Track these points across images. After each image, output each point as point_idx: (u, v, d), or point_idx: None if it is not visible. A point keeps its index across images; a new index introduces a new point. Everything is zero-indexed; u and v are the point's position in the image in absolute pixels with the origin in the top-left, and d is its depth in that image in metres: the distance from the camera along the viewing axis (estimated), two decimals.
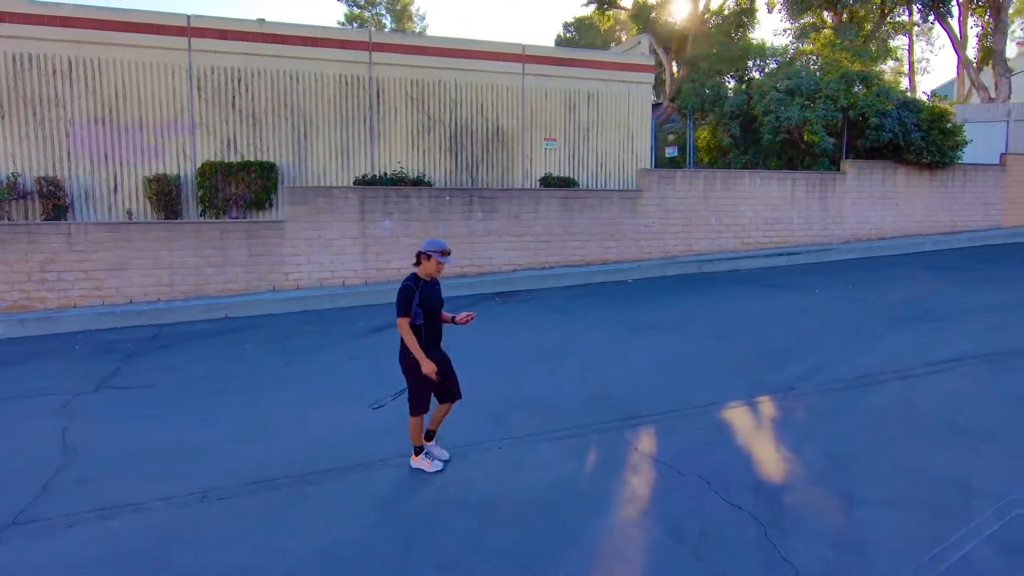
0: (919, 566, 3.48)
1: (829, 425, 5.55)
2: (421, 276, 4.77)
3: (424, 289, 4.71)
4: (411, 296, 4.63)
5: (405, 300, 4.61)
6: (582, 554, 3.72)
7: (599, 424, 5.69)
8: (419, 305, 4.65)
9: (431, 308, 4.72)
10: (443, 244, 4.78)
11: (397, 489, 4.64)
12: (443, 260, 4.75)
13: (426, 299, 4.70)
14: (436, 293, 4.83)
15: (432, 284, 4.82)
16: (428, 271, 4.76)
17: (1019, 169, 18.15)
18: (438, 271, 4.80)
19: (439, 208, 12.92)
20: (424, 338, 4.70)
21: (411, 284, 4.68)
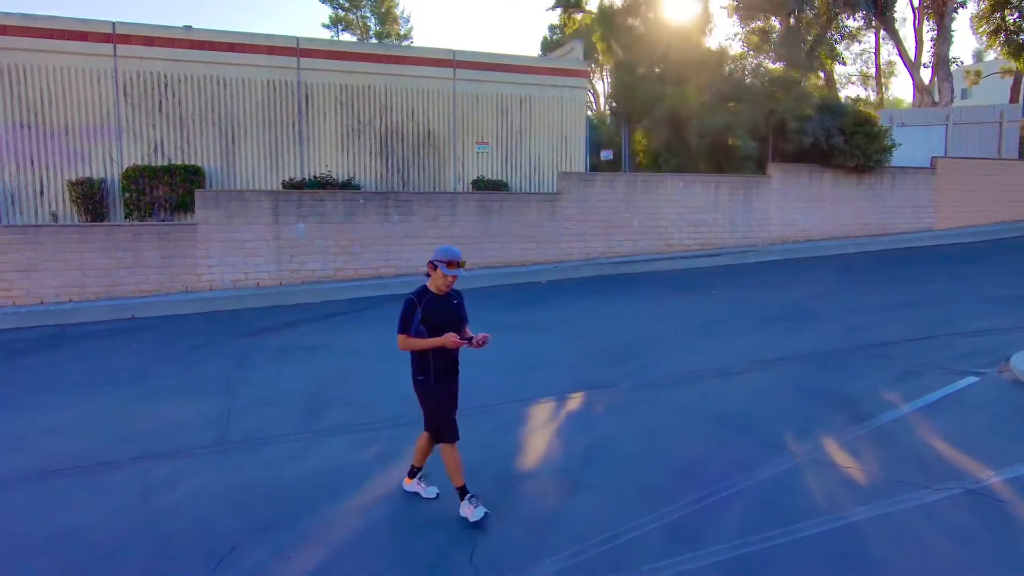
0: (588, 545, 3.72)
1: (618, 418, 5.80)
2: (431, 289, 4.10)
3: (431, 305, 4.04)
4: (411, 311, 4.02)
5: (403, 315, 4.02)
6: (289, 536, 3.97)
7: (405, 418, 5.94)
8: (422, 322, 4.00)
9: (439, 326, 4.00)
10: (452, 252, 4.03)
11: (175, 475, 4.89)
12: (449, 272, 3.98)
13: (433, 315, 4.02)
14: (449, 309, 4.11)
15: (444, 299, 4.12)
16: (437, 284, 4.08)
17: (950, 172, 18.41)
18: (448, 285, 4.09)
19: (354, 211, 13.19)
20: (432, 362, 4.06)
21: (414, 298, 4.05)
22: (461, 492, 4.09)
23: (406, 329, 4.04)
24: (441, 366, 4.12)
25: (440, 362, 4.10)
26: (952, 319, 9.03)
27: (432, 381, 4.11)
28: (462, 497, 4.08)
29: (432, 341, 3.97)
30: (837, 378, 6.69)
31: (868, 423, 5.45)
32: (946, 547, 3.66)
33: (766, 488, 4.40)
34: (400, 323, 4.05)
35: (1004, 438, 5.07)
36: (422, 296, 4.08)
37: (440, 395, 4.14)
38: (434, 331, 4.00)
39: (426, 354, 4.06)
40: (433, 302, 4.08)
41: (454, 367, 4.23)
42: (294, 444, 5.46)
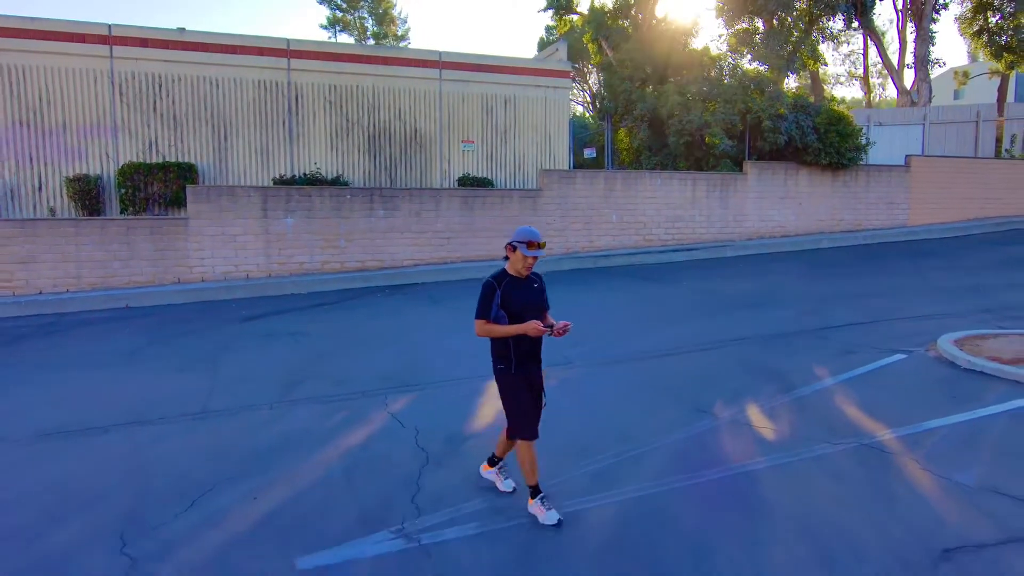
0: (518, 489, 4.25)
1: (566, 391, 6.32)
2: (510, 272, 3.92)
3: (511, 288, 3.87)
4: (490, 294, 3.84)
5: (482, 298, 3.85)
6: (257, 483, 4.49)
7: (374, 390, 6.47)
8: (502, 306, 3.84)
9: (518, 311, 3.85)
10: (532, 233, 3.83)
11: (158, 437, 5.40)
12: (529, 253, 3.79)
13: (513, 299, 3.85)
14: (530, 293, 3.94)
15: (525, 282, 3.94)
16: (516, 267, 3.89)
17: (923, 170, 18.93)
18: (527, 268, 3.89)
19: (341, 206, 13.70)
20: (512, 349, 3.90)
21: (492, 282, 3.87)
22: (533, 491, 3.96)
23: (484, 314, 3.85)
24: (523, 353, 3.91)
25: (521, 349, 3.90)
26: (901, 307, 9.55)
27: (512, 370, 3.92)
28: (533, 496, 3.95)
29: (514, 328, 3.78)
30: (777, 356, 7.21)
31: (793, 393, 5.97)
32: (827, 487, 4.18)
33: (684, 444, 4.93)
34: (479, 307, 3.85)
35: (910, 404, 5.58)
36: (501, 279, 3.87)
37: (520, 385, 3.93)
38: (514, 316, 3.83)
39: (506, 341, 3.88)
40: (513, 285, 3.88)
41: (537, 356, 4.01)
42: (269, 412, 5.98)
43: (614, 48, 27.87)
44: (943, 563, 3.31)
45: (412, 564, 3.48)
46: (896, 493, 4.09)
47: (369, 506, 4.11)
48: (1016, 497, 3.94)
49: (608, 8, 32.20)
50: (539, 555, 3.54)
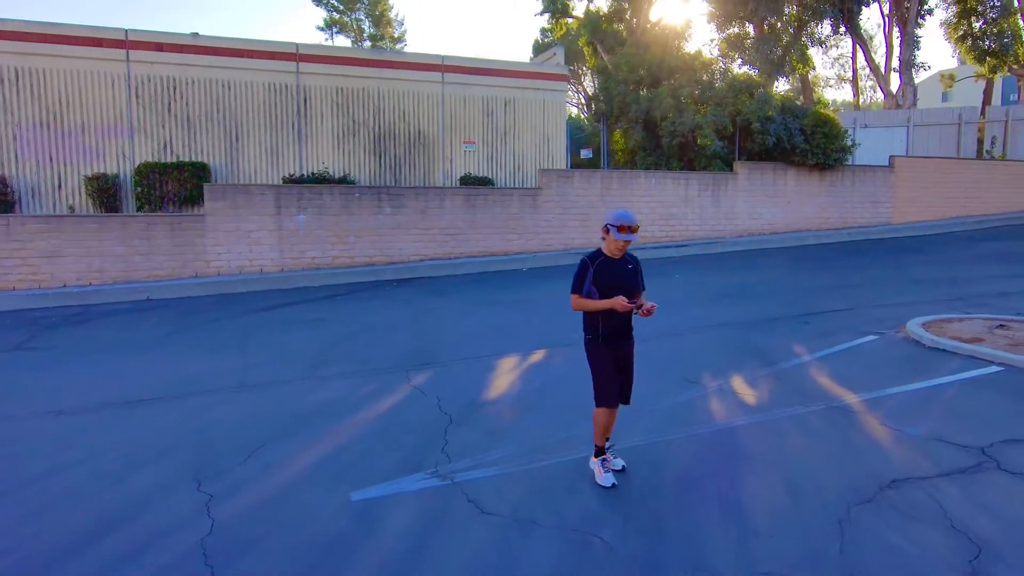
0: (530, 443, 4.91)
1: (569, 366, 6.97)
2: (605, 252, 4.16)
3: (603, 266, 4.10)
4: (583, 272, 4.12)
5: (576, 276, 4.15)
6: (304, 439, 5.14)
7: (395, 367, 7.12)
8: (593, 282, 4.08)
9: (608, 289, 4.06)
10: (625, 217, 4.03)
11: (207, 406, 6.03)
12: (620, 237, 4.01)
13: (603, 278, 4.08)
14: (623, 273, 4.15)
15: (618, 262, 4.16)
16: (610, 248, 4.13)
17: (907, 171, 19.71)
18: (619, 249, 4.10)
19: (350, 204, 14.35)
20: (600, 323, 4.13)
21: (586, 260, 4.15)
22: (597, 451, 4.30)
23: (578, 289, 4.14)
24: (610, 328, 4.15)
25: (609, 324, 4.14)
26: (879, 296, 10.27)
27: (599, 342, 4.17)
28: (596, 455, 4.31)
29: (601, 303, 4.02)
30: (761, 337, 7.90)
31: (773, 367, 6.67)
32: (798, 439, 4.87)
33: (676, 407, 5.61)
34: (573, 283, 4.16)
35: (876, 375, 6.28)
36: (595, 258, 4.15)
37: (605, 355, 4.17)
38: (603, 293, 4.05)
39: (596, 315, 4.12)
40: (606, 265, 4.11)
41: (625, 331, 4.25)
42: (302, 385, 6.63)
43: (609, 52, 28.61)
44: (889, 490, 4.00)
45: (448, 495, 4.14)
46: (856, 442, 4.78)
47: (405, 455, 4.77)
48: (956, 444, 4.64)
49: (603, 12, 32.98)
50: (554, 488, 4.21)
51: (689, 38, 28.94)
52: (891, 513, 3.73)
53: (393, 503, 4.07)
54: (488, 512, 3.92)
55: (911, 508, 3.78)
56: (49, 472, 4.65)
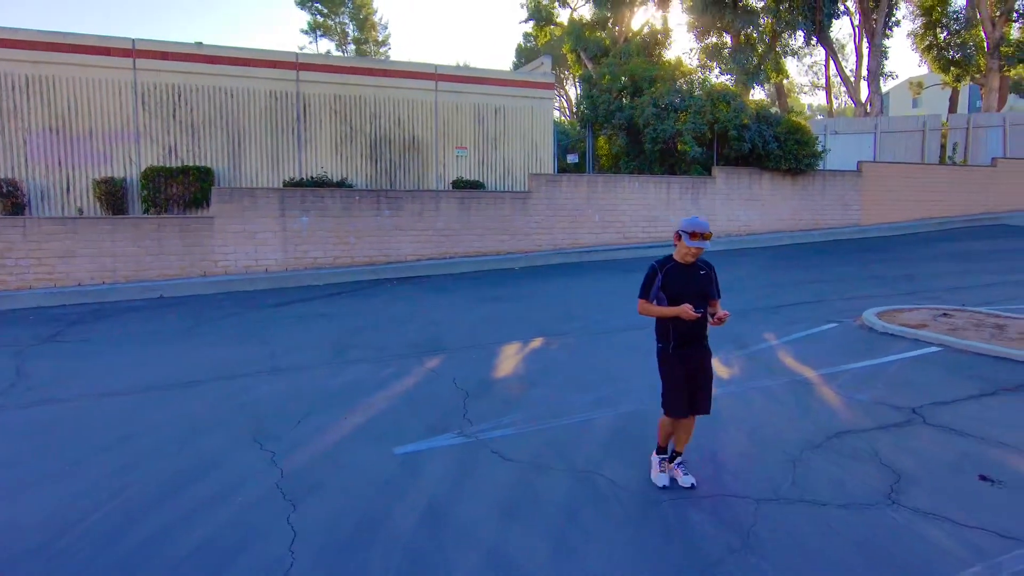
0: (539, 409, 5.76)
1: (565, 352, 7.86)
2: (676, 258, 4.13)
3: (673, 272, 4.06)
4: (651, 277, 4.11)
5: (645, 280, 4.15)
6: (340, 411, 5.94)
7: (409, 354, 7.94)
8: (662, 288, 4.05)
9: (676, 295, 4.01)
10: (698, 224, 3.96)
11: (246, 387, 6.80)
12: (692, 244, 3.93)
13: (673, 283, 4.03)
14: (694, 279, 4.07)
15: (689, 268, 4.08)
16: (681, 254, 4.09)
17: (874, 175, 20.92)
18: (692, 256, 4.03)
19: (350, 206, 15.11)
20: (672, 330, 4.09)
21: (655, 266, 4.14)
22: (659, 449, 4.40)
23: (645, 294, 4.13)
24: (682, 335, 4.08)
25: (681, 331, 4.06)
26: (843, 291, 11.28)
27: (670, 350, 4.12)
28: (657, 452, 4.41)
29: (667, 310, 3.98)
30: (736, 325, 8.82)
31: (745, 349, 7.60)
32: (763, 404, 5.78)
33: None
34: (641, 287, 4.15)
35: (833, 355, 7.23)
36: (665, 264, 4.12)
37: (674, 364, 4.11)
38: (673, 299, 4.00)
39: (666, 322, 4.08)
40: (676, 270, 4.07)
41: (699, 339, 4.15)
42: (328, 368, 7.42)
43: (592, 59, 29.63)
44: (835, 439, 4.91)
45: (475, 448, 4.98)
46: (812, 406, 5.70)
47: (433, 421, 5.60)
48: (893, 406, 5.58)
49: (586, 20, 34.07)
50: (563, 442, 5.07)
51: (669, 47, 30.07)
52: (835, 455, 4.65)
53: (430, 455, 4.90)
54: (509, 459, 4.77)
55: (851, 451, 4.70)
56: (117, 442, 5.38)
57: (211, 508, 4.17)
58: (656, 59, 26.28)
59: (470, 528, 3.83)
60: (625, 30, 31.47)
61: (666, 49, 29.75)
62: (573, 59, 32.68)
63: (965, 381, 6.20)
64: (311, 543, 3.70)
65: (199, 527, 3.93)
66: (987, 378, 6.27)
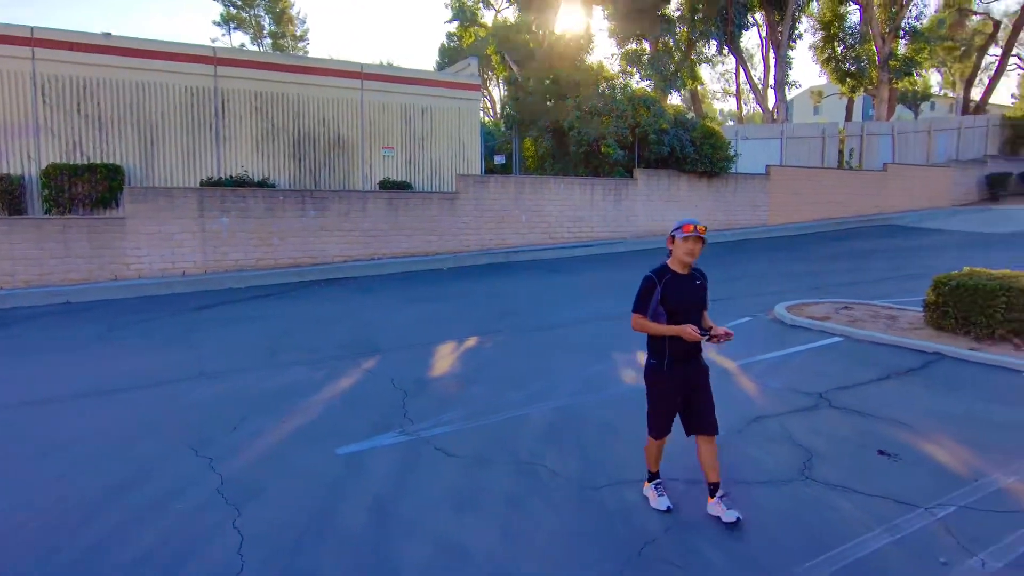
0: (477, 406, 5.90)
1: (499, 350, 8.04)
2: (672, 267, 3.79)
3: (673, 284, 3.73)
4: (649, 289, 3.75)
5: (641, 293, 3.77)
6: (280, 413, 5.88)
7: (344, 355, 7.89)
8: (662, 302, 3.72)
9: (678, 309, 3.71)
10: (686, 220, 3.71)
11: (179, 392, 6.58)
12: (685, 235, 3.67)
13: (673, 297, 3.71)
14: (692, 290, 3.78)
15: (687, 279, 3.77)
16: (678, 257, 3.74)
17: (780, 178, 22.30)
18: (689, 255, 3.69)
19: (274, 207, 14.72)
20: (667, 347, 3.77)
21: (652, 276, 3.77)
22: (650, 476, 4.08)
23: (642, 309, 3.77)
24: (678, 352, 3.77)
25: (678, 348, 3.76)
26: (755, 287, 12.03)
27: (664, 368, 3.82)
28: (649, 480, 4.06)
29: (669, 329, 3.68)
30: None
31: None
32: None
33: (592, 376, 6.79)
34: (636, 301, 3.77)
35: (748, 347, 7.76)
36: (662, 275, 3.76)
37: (667, 385, 3.83)
38: (673, 313, 3.71)
39: (662, 339, 3.78)
40: (675, 282, 3.74)
41: (695, 354, 3.86)
42: (261, 372, 7.28)
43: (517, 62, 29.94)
44: (753, 423, 5.33)
45: (417, 445, 5.08)
46: (733, 393, 6.13)
47: (373, 421, 5.65)
48: (802, 391, 6.09)
49: (510, 23, 34.42)
50: (503, 436, 5.24)
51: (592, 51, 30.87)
52: (753, 437, 5.05)
53: (373, 455, 4.95)
54: (453, 455, 4.89)
55: (767, 433, 5.12)
56: (49, 450, 5.14)
57: (153, 515, 4.08)
58: (579, 63, 26.94)
59: (419, 522, 3.94)
60: (548, 34, 32.04)
61: (588, 54, 30.48)
62: (497, 61, 32.96)
63: (864, 367, 6.83)
64: (260, 546, 3.70)
65: (144, 534, 3.85)
66: (883, 364, 6.93)
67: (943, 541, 3.56)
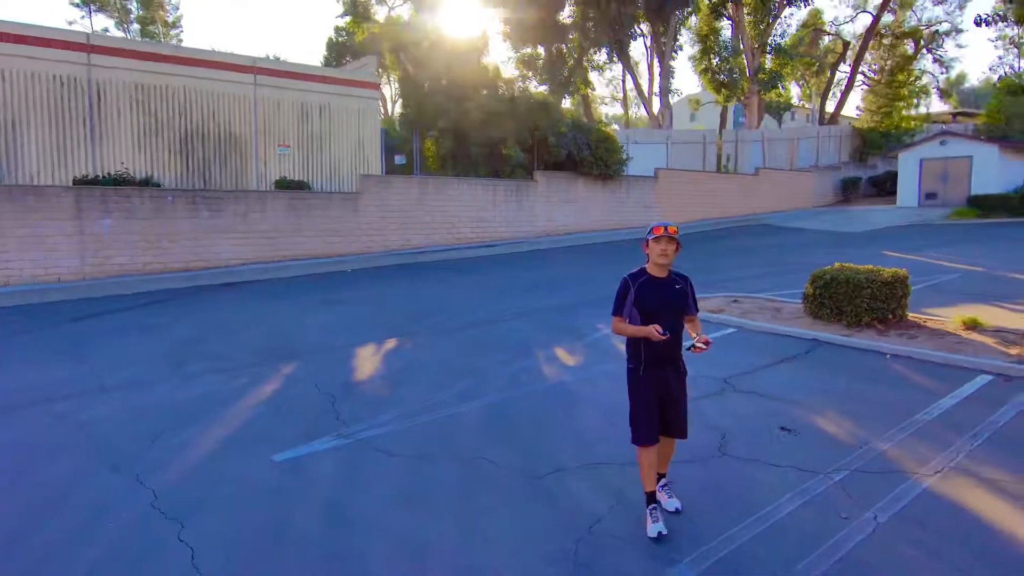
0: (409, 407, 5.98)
1: (422, 350, 8.13)
2: (649, 270, 3.86)
3: (647, 287, 3.80)
4: (624, 292, 3.84)
5: (617, 295, 3.87)
6: (194, 428, 5.65)
7: (260, 361, 7.66)
8: (636, 304, 3.79)
9: (651, 310, 3.76)
10: (657, 223, 3.79)
11: (77, 408, 6.13)
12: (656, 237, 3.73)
13: (647, 299, 3.77)
14: (669, 293, 3.82)
15: (664, 282, 3.83)
16: (653, 258, 3.80)
17: (667, 181, 23.74)
18: (663, 256, 3.74)
19: (163, 207, 13.84)
20: (643, 350, 3.82)
21: (627, 278, 3.86)
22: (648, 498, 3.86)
23: (617, 311, 3.87)
24: (654, 355, 3.82)
25: (653, 351, 3.80)
26: None
27: (641, 372, 3.86)
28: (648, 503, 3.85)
29: (638, 330, 3.74)
30: (570, 319, 9.74)
31: (584, 339, 8.45)
32: (609, 385, 6.55)
33: (517, 372, 7.06)
34: (614, 304, 3.87)
35: None
36: (637, 277, 3.85)
37: (644, 389, 3.85)
38: (647, 315, 3.75)
39: (637, 341, 3.83)
40: (650, 285, 3.81)
41: (672, 359, 3.88)
42: (171, 383, 6.92)
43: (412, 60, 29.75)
44: None
45: (356, 448, 5.10)
46: None
47: (305, 426, 5.58)
48: (710, 377, 6.67)
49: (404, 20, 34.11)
50: (440, 433, 5.37)
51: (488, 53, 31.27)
52: None
53: (313, 459, 4.92)
54: (395, 455, 4.97)
55: None
56: None
57: (87, 536, 3.87)
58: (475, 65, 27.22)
59: (376, 520, 4.01)
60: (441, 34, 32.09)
61: (485, 55, 30.89)
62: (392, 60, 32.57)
63: (758, 354, 7.56)
64: (214, 556, 3.63)
65: (82, 554, 3.65)
66: (773, 351, 7.70)
67: (842, 500, 4.13)
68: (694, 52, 36.99)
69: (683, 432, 3.97)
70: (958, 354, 7.12)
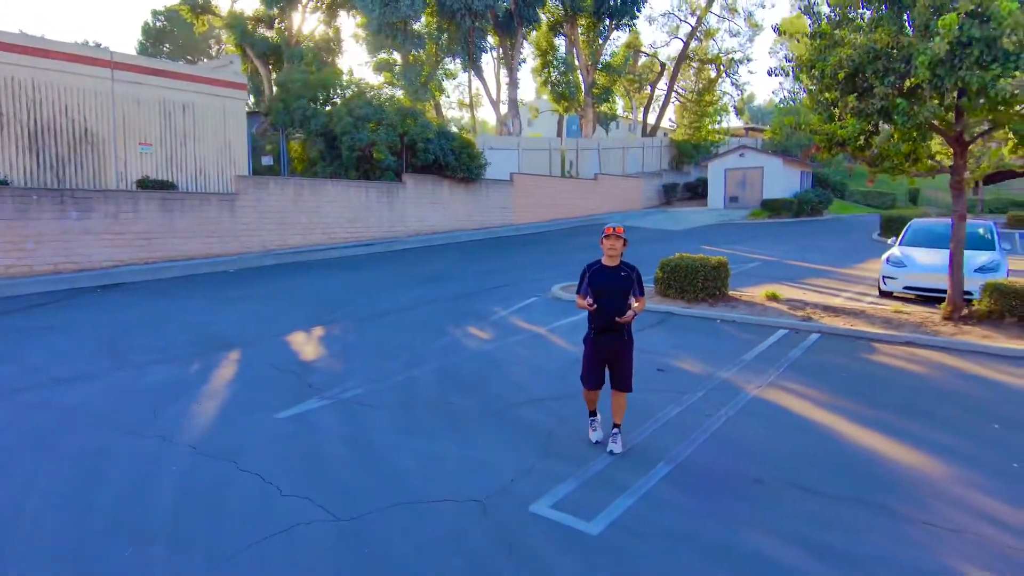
0: (365, 376, 7.18)
1: (352, 335, 9.23)
2: (603, 261, 5.07)
3: (598, 273, 5.01)
4: (582, 276, 5.10)
5: (579, 280, 5.15)
6: (183, 402, 6.43)
7: (202, 351, 8.30)
8: (589, 285, 5.01)
9: (600, 292, 4.98)
10: (607, 226, 5.03)
11: (54, 398, 6.53)
12: (603, 237, 4.98)
13: (596, 282, 5.00)
14: (614, 280, 4.98)
15: (612, 270, 5.02)
16: (606, 253, 5.03)
17: (521, 184, 26.04)
18: (611, 251, 4.98)
19: (27, 207, 13.21)
20: (593, 320, 5.06)
21: (586, 267, 5.11)
22: (590, 414, 5.40)
23: (579, 290, 5.13)
24: (599, 326, 5.07)
25: (598, 323, 5.06)
26: (527, 275, 14.74)
27: (590, 337, 5.18)
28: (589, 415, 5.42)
29: (580, 303, 5.09)
30: (469, 305, 11.29)
31: (488, 319, 10.06)
32: (523, 351, 8.24)
33: (444, 346, 8.50)
34: (578, 285, 5.18)
35: (547, 317, 10.18)
36: (592, 265, 5.11)
37: (590, 349, 5.16)
38: (597, 294, 5.00)
39: (590, 314, 5.08)
40: (601, 272, 5.04)
41: (614, 329, 5.04)
42: (124, 373, 7.41)
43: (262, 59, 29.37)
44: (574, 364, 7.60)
45: (342, 405, 6.28)
46: (553, 347, 8.39)
47: (287, 394, 6.60)
48: None
49: (249, 15, 33.20)
50: (406, 391, 6.68)
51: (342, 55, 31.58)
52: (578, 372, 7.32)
53: (311, 415, 6.03)
54: (377, 407, 6.23)
55: None
56: None
57: (154, 481, 4.73)
58: (331, 66, 27.60)
59: (392, 444, 5.31)
60: (296, 32, 31.85)
61: (339, 57, 31.20)
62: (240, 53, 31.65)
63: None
64: (281, 477, 4.73)
65: (159, 495, 4.55)
66: (640, 321, 9.81)
67: (704, 407, 6.16)
68: (536, 65, 40.09)
69: (628, 386, 5.15)
70: (764, 316, 9.77)
